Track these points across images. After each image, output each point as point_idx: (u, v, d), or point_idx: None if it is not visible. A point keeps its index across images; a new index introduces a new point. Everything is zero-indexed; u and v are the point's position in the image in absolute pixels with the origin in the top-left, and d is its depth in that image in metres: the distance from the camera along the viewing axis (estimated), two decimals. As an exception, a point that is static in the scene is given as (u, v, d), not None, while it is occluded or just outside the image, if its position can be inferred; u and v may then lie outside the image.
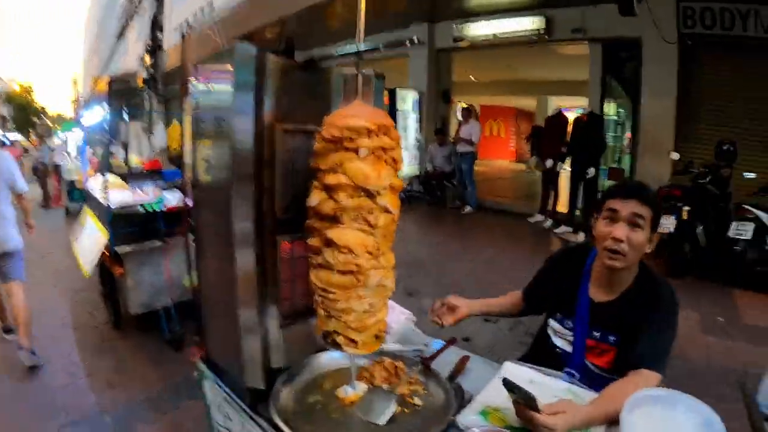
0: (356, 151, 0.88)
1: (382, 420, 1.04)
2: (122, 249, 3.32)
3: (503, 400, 1.16)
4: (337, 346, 0.99)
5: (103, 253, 3.48)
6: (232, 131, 1.04)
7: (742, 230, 5.17)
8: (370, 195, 0.87)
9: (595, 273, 1.53)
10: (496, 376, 1.28)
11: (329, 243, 0.89)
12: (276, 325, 1.16)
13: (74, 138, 13.65)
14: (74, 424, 2.63)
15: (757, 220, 5.19)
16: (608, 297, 1.49)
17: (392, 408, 1.06)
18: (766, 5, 6.10)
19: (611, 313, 1.46)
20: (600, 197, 1.50)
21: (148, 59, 9.60)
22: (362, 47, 0.99)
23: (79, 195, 8.24)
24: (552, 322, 1.60)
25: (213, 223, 1.21)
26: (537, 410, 1.05)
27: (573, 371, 1.47)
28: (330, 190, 0.88)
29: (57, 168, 10.86)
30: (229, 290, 1.12)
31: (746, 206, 5.31)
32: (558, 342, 1.56)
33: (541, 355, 1.58)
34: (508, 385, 1.08)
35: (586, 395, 1.22)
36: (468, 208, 8.71)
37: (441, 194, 9.50)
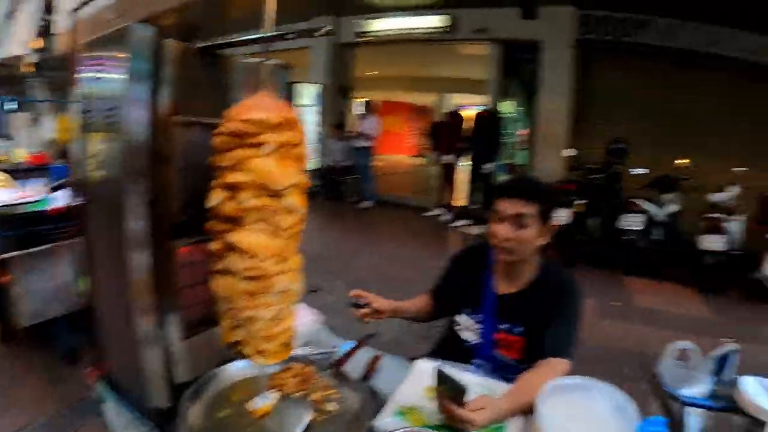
0: (260, 146, 0.81)
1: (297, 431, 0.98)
2: (7, 254, 2.96)
3: (418, 399, 1.16)
4: (245, 357, 0.92)
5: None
6: (124, 123, 0.94)
7: (632, 222, 5.68)
8: (275, 195, 0.81)
9: (497, 267, 1.59)
10: (409, 376, 1.28)
11: (231, 247, 0.82)
12: (177, 337, 1.05)
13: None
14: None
15: (645, 212, 5.71)
16: (512, 289, 1.54)
17: (306, 418, 1.01)
18: (663, 17, 6.69)
19: (516, 305, 1.51)
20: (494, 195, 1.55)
21: (38, 43, 8.73)
22: (268, 34, 0.92)
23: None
24: (460, 318, 1.62)
25: (104, 225, 1.09)
26: (462, 404, 1.06)
27: (482, 362, 1.51)
28: (231, 189, 0.81)
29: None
30: (123, 299, 1.01)
31: (636, 200, 5.83)
32: (466, 336, 1.60)
33: (449, 349, 1.60)
34: (441, 376, 1.08)
35: (501, 389, 1.24)
36: (366, 203, 8.77)
37: (339, 189, 9.44)
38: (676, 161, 6.77)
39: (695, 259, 5.37)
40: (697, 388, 1.16)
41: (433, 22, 8.68)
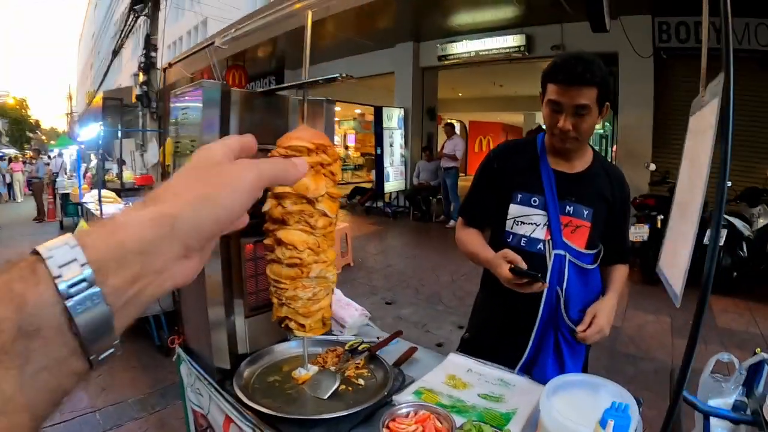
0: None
1: (325, 395, 1.21)
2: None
3: (438, 384, 1.32)
4: (289, 330, 1.16)
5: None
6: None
7: (716, 237, 5.34)
8: (311, 201, 1.05)
9: (551, 149, 1.49)
10: (438, 366, 1.42)
11: (279, 241, 1.07)
12: (241, 317, 1.34)
13: (69, 153, 13.79)
14: (67, 422, 2.78)
15: (731, 227, 5.36)
16: (571, 170, 1.47)
17: (335, 385, 1.23)
18: (739, 18, 6.30)
19: (581, 184, 1.45)
20: (542, 76, 1.44)
21: (141, 76, 9.83)
22: (307, 78, 1.18)
23: (73, 209, 8.37)
24: (513, 208, 1.49)
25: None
26: (537, 279, 1.27)
27: (559, 251, 1.42)
28: (278, 197, 1.07)
29: (53, 182, 10.97)
30: (200, 292, 1.31)
31: (718, 214, 5.48)
32: (522, 230, 1.47)
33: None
34: (516, 270, 1.30)
35: (516, 382, 1.33)
36: (452, 222, 8.87)
37: (426, 209, 9.72)
38: (766, 171, 6.31)
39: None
40: (725, 399, 1.17)
41: (510, 41, 8.82)
